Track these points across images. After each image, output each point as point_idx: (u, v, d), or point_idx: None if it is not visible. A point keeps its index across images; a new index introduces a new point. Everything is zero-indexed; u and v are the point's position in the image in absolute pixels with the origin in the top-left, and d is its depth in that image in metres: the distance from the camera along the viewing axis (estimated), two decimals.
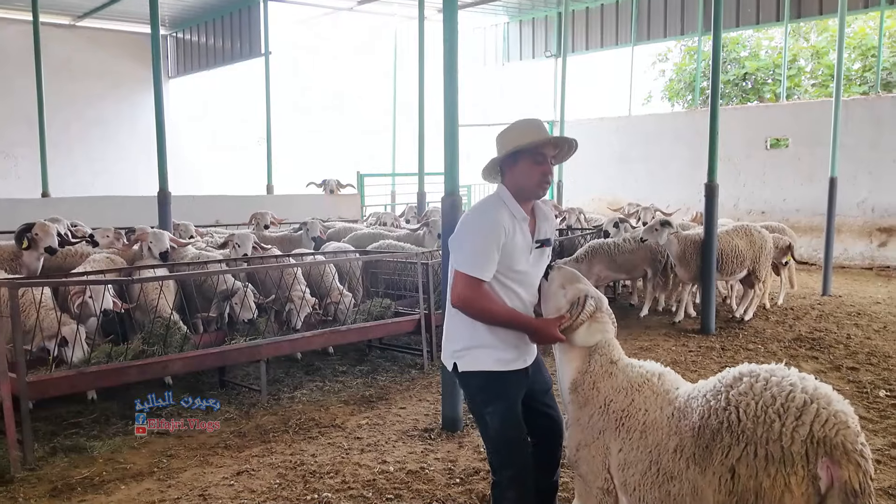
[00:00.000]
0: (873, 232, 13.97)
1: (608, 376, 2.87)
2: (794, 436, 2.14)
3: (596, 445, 2.83)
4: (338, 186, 13.42)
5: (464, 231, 2.96)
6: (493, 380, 2.97)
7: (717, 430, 2.34)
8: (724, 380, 2.48)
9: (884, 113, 13.76)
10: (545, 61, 19.81)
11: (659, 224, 8.32)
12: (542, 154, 2.95)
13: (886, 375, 6.31)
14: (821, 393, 2.24)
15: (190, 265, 6.85)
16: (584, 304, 2.89)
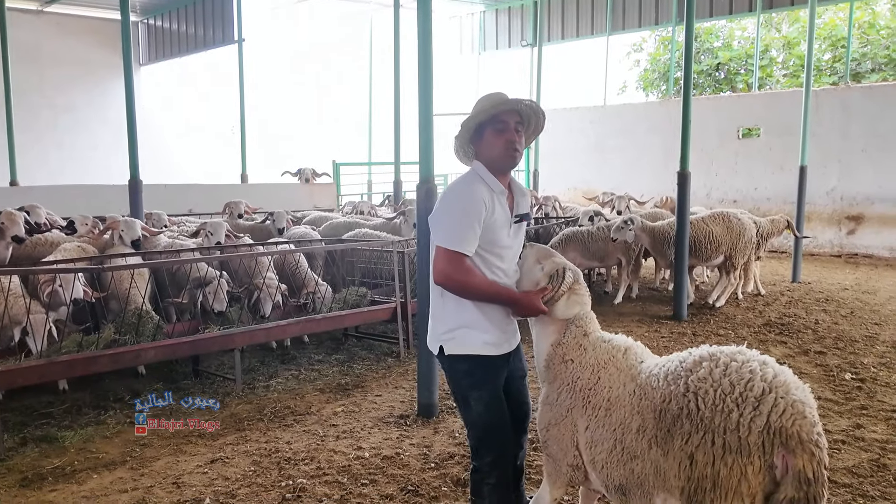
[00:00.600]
0: (842, 220, 14.24)
1: (578, 349, 2.88)
2: (752, 426, 2.15)
3: (565, 423, 2.85)
4: (313, 175, 13.33)
5: (443, 207, 2.91)
6: (480, 364, 2.94)
7: (677, 415, 2.35)
8: (685, 363, 2.47)
9: (853, 103, 14.01)
10: (521, 51, 19.83)
11: (623, 223, 8.62)
12: (502, 122, 2.90)
13: (852, 359, 6.46)
14: (780, 381, 2.24)
15: (162, 253, 6.78)
16: (564, 275, 2.90)
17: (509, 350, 3.05)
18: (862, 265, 13.00)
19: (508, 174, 3.02)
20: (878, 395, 5.45)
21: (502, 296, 2.91)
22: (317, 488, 3.90)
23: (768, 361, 2.35)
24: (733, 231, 8.69)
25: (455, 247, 2.80)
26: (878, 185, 13.72)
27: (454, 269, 2.81)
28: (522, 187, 3.15)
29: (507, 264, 2.99)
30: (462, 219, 2.82)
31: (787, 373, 2.31)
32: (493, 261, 2.93)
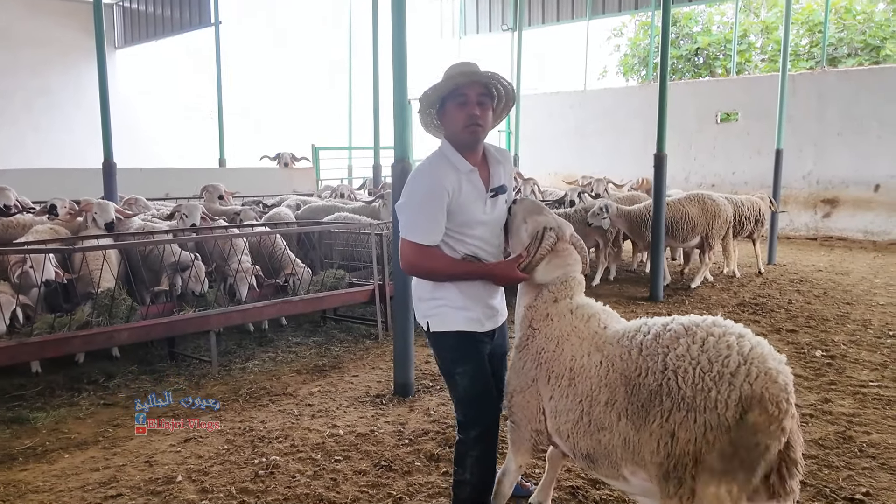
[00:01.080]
0: (818, 203, 14.42)
1: (545, 319, 2.83)
2: (728, 402, 2.16)
3: (530, 392, 2.84)
4: (292, 160, 13.24)
5: (405, 196, 2.87)
6: (464, 340, 2.94)
7: (655, 392, 2.32)
8: (662, 339, 2.41)
9: (829, 87, 14.15)
10: (502, 35, 19.77)
11: (599, 209, 8.75)
12: (463, 94, 2.78)
13: (823, 337, 6.57)
14: (756, 353, 2.23)
15: (135, 235, 6.71)
16: (543, 238, 2.82)
17: (493, 328, 3.04)
18: (837, 247, 13.19)
19: (475, 150, 2.92)
20: (846, 372, 5.55)
21: (473, 273, 2.88)
22: (290, 465, 3.91)
23: (745, 334, 2.32)
24: (709, 212, 8.78)
25: (416, 238, 2.80)
26: (853, 168, 13.90)
27: (417, 259, 2.83)
28: (498, 156, 3.04)
29: (487, 235, 2.94)
30: (422, 210, 2.80)
31: (764, 344, 2.29)
32: (469, 235, 2.89)
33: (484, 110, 2.83)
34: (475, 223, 2.88)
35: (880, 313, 7.50)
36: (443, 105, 2.88)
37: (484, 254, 2.95)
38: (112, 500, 3.53)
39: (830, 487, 3.64)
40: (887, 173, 13.53)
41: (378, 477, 3.78)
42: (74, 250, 5.73)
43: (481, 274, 2.88)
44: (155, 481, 3.72)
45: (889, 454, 4.02)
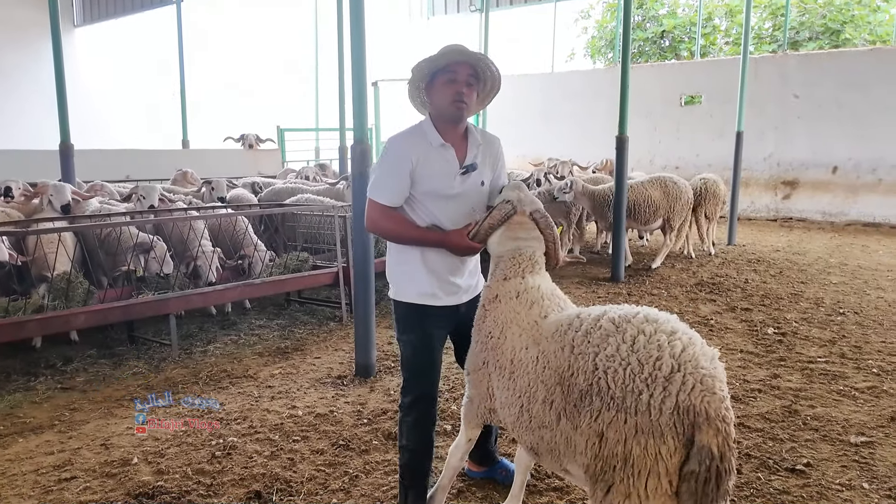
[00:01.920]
0: (778, 185, 14.72)
1: (494, 301, 2.79)
2: (662, 408, 2.10)
3: (482, 372, 2.84)
4: (257, 141, 13.10)
5: (379, 160, 3.02)
6: (412, 311, 3.05)
7: (585, 391, 2.27)
8: (592, 336, 2.33)
9: (790, 71, 14.40)
10: (471, 16, 19.68)
11: (564, 184, 8.96)
12: (453, 72, 2.90)
13: (776, 315, 6.75)
14: (688, 355, 2.16)
15: (92, 218, 6.61)
16: (496, 208, 2.81)
17: (454, 303, 3.07)
18: (796, 228, 13.51)
19: (459, 126, 3.03)
20: (796, 348, 5.72)
21: (430, 238, 2.96)
22: (247, 446, 3.93)
23: (677, 330, 2.25)
24: (670, 195, 8.93)
25: (376, 197, 2.94)
26: (812, 151, 14.20)
27: (375, 217, 2.96)
28: (481, 139, 3.09)
29: (453, 211, 2.99)
30: (386, 172, 2.94)
31: (696, 343, 2.23)
32: (434, 207, 2.98)
33: (470, 90, 2.95)
34: (440, 196, 2.96)
35: (833, 292, 7.72)
36: (432, 80, 2.97)
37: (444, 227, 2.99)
38: (66, 482, 3.51)
39: (773, 459, 3.78)
40: (845, 156, 13.85)
41: (335, 456, 3.82)
42: (29, 233, 5.63)
43: (436, 240, 2.95)
44: (110, 464, 3.71)
45: (831, 427, 4.17)
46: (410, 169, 2.91)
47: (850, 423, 4.21)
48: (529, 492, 3.44)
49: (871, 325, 6.35)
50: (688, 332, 2.27)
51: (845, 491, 3.43)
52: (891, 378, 4.98)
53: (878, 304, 7.11)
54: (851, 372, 5.12)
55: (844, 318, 6.60)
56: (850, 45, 17.22)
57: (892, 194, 13.34)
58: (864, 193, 13.65)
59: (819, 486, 3.48)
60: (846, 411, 4.41)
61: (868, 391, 4.74)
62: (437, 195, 2.96)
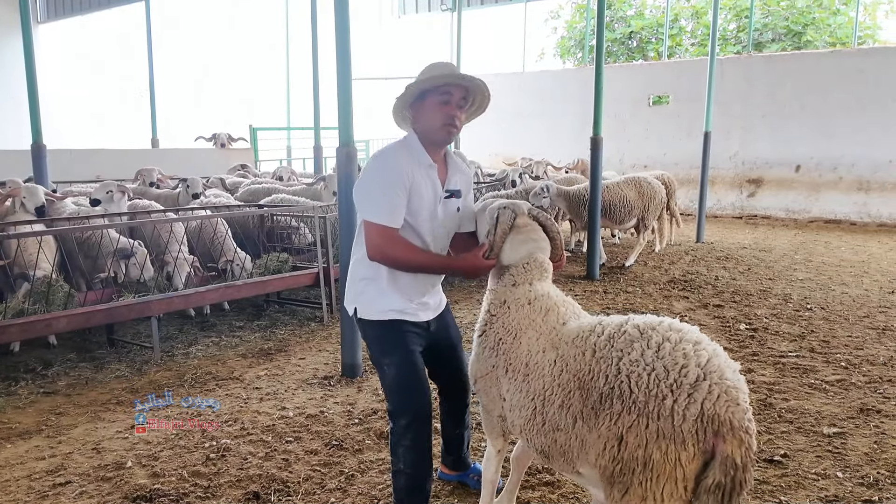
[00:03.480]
0: (743, 183, 15.10)
1: (503, 306, 2.79)
2: (686, 414, 2.11)
3: (490, 378, 2.82)
4: (229, 140, 13.00)
5: (366, 179, 2.83)
6: (388, 329, 2.93)
7: (606, 395, 2.27)
8: (615, 342, 2.35)
9: (755, 71, 14.77)
10: (441, 15, 19.75)
11: (540, 189, 9.04)
12: (448, 93, 2.80)
13: (747, 311, 6.97)
14: (714, 366, 2.18)
15: (70, 220, 6.53)
16: (498, 217, 2.78)
17: (423, 319, 3.02)
18: (761, 225, 13.88)
19: (443, 149, 2.96)
20: (768, 343, 5.93)
21: (444, 266, 2.90)
22: (241, 447, 3.96)
23: (701, 341, 2.27)
24: (645, 195, 9.14)
25: (383, 221, 2.77)
26: (776, 150, 14.61)
27: (386, 244, 2.77)
28: (460, 164, 3.06)
29: (432, 235, 2.95)
30: (384, 191, 2.78)
31: (721, 354, 2.25)
32: (424, 229, 2.91)
33: (460, 112, 2.87)
34: (422, 218, 2.88)
35: (799, 287, 7.99)
36: (422, 97, 2.86)
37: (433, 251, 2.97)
38: (61, 487, 3.51)
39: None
40: (807, 155, 14.28)
41: (329, 456, 3.87)
42: (9, 237, 5.55)
43: (449, 267, 2.89)
44: (104, 468, 3.71)
45: (805, 419, 4.36)
46: (408, 187, 2.79)
47: (822, 415, 4.40)
48: (521, 486, 3.53)
49: (837, 320, 6.60)
50: (711, 343, 2.29)
51: (821, 480, 3.60)
52: (858, 371, 5.20)
53: (843, 300, 7.39)
54: (821, 365, 5.34)
55: (812, 314, 6.84)
56: (812, 47, 17.73)
57: (853, 192, 13.80)
58: (826, 191, 14.09)
59: (796, 476, 3.64)
60: (818, 403, 4.60)
61: (837, 384, 4.95)
62: (423, 218, 2.87)
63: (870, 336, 6.09)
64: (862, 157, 13.66)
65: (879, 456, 3.84)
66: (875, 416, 4.39)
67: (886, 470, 3.68)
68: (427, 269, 2.89)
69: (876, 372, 5.17)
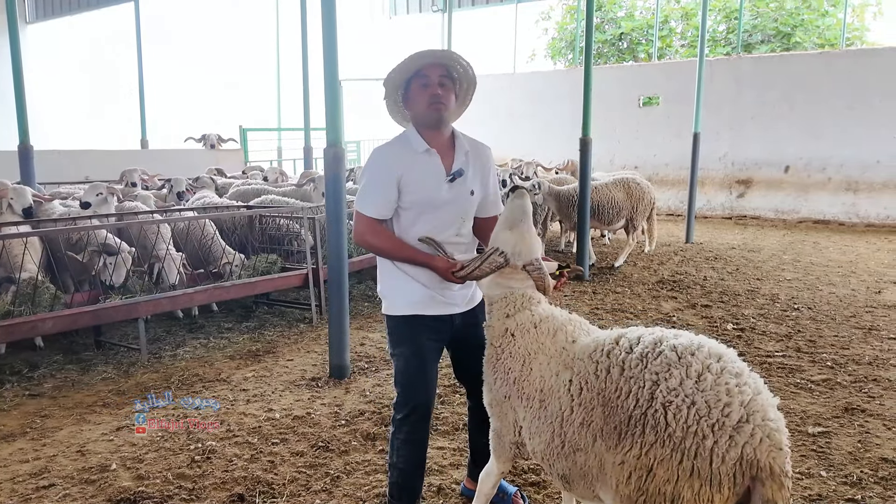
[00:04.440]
0: (732, 184, 15.17)
1: (506, 336, 2.74)
2: (726, 457, 2.03)
3: (506, 405, 2.76)
4: (219, 141, 12.97)
5: (363, 170, 2.97)
6: (402, 323, 2.98)
7: (637, 420, 2.18)
8: (650, 362, 2.24)
9: (744, 73, 14.85)
10: (433, 16, 19.77)
11: (532, 186, 9.08)
12: (425, 76, 2.85)
13: (734, 311, 7.01)
14: (757, 405, 2.09)
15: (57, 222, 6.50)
16: (487, 258, 2.71)
17: (447, 313, 3.00)
18: (750, 226, 13.95)
19: (443, 131, 2.96)
20: (755, 343, 5.96)
21: (417, 260, 2.89)
22: (227, 449, 3.94)
23: (743, 372, 2.18)
24: (633, 196, 9.17)
25: (363, 210, 2.89)
26: (765, 151, 14.69)
27: (364, 230, 2.91)
28: (469, 146, 3.03)
29: (442, 219, 2.94)
30: (371, 183, 2.89)
31: (762, 389, 2.17)
32: (423, 216, 2.91)
33: (446, 91, 2.88)
34: (429, 204, 2.89)
35: (787, 288, 8.04)
36: (407, 89, 2.93)
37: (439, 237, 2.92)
38: (44, 490, 3.49)
39: None
40: (796, 155, 14.36)
41: (315, 458, 3.86)
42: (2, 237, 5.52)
43: (422, 262, 2.89)
44: (88, 470, 3.69)
45: (790, 418, 4.38)
46: (397, 179, 2.84)
47: (807, 415, 4.43)
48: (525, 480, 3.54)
49: (823, 320, 6.64)
50: (751, 374, 2.21)
51: (805, 479, 3.62)
52: (843, 370, 5.24)
53: (830, 300, 7.43)
54: (807, 365, 5.37)
55: (799, 314, 6.88)
56: (801, 48, 17.83)
57: (841, 192, 13.88)
58: (815, 191, 14.17)
59: None
60: (803, 403, 4.63)
61: (823, 383, 4.98)
62: (425, 203, 2.89)
63: (856, 336, 6.13)
64: (850, 158, 13.75)
65: (863, 455, 3.87)
66: (860, 415, 4.42)
67: (870, 469, 3.71)
68: (401, 259, 2.92)
69: (861, 371, 5.21)
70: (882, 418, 4.36)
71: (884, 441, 4.04)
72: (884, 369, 5.26)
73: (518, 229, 2.73)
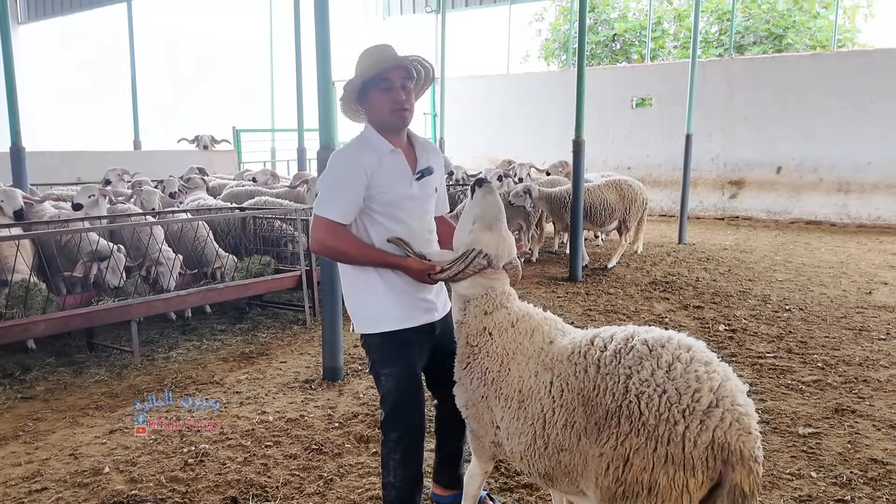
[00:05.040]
0: (725, 185, 15.24)
1: (483, 335, 2.71)
2: (697, 441, 2.08)
3: (482, 406, 2.74)
4: (212, 142, 12.94)
5: (323, 176, 2.82)
6: (390, 341, 2.85)
7: (613, 412, 2.23)
8: (623, 357, 2.29)
9: (736, 74, 14.92)
10: (426, 17, 19.77)
11: (522, 191, 9.08)
12: (387, 80, 2.74)
13: (726, 312, 7.04)
14: (726, 390, 2.14)
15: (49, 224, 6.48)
16: (471, 261, 2.67)
17: (427, 321, 2.93)
18: (742, 227, 14.01)
19: (401, 133, 2.89)
20: (746, 344, 6.00)
21: (386, 262, 2.78)
22: (220, 452, 3.95)
23: (712, 361, 2.24)
24: (626, 198, 9.21)
25: (325, 213, 2.73)
26: (757, 152, 14.77)
27: (324, 237, 2.74)
28: (426, 143, 3.01)
29: (413, 217, 2.87)
30: (334, 187, 2.75)
31: (731, 377, 2.22)
32: (394, 216, 2.82)
33: (408, 93, 2.81)
34: (399, 202, 2.82)
35: (778, 289, 8.08)
36: (364, 91, 2.81)
37: (408, 237, 2.83)
38: (37, 494, 3.48)
39: None
40: (788, 156, 14.43)
41: (309, 460, 3.87)
42: None
43: (393, 263, 2.78)
44: (81, 473, 3.69)
45: (781, 419, 4.41)
46: (365, 182, 2.74)
47: (797, 416, 4.46)
48: (500, 489, 3.56)
49: (814, 321, 6.68)
50: (721, 363, 2.25)
51: (795, 480, 3.65)
52: (834, 371, 5.28)
53: (821, 301, 7.48)
54: (798, 366, 5.41)
55: (790, 315, 6.92)
56: (793, 49, 17.91)
57: (833, 193, 13.96)
58: (807, 192, 14.25)
59: (771, 476, 3.69)
60: (794, 404, 4.66)
61: (814, 384, 5.01)
62: (396, 202, 2.81)
63: (846, 336, 6.18)
64: (842, 159, 13.83)
65: (853, 456, 3.90)
66: (850, 416, 4.46)
67: (859, 470, 3.74)
68: (368, 263, 2.80)
69: (852, 372, 5.25)
70: (872, 419, 4.40)
71: (873, 442, 4.08)
72: (874, 370, 5.30)
73: (497, 229, 2.72)
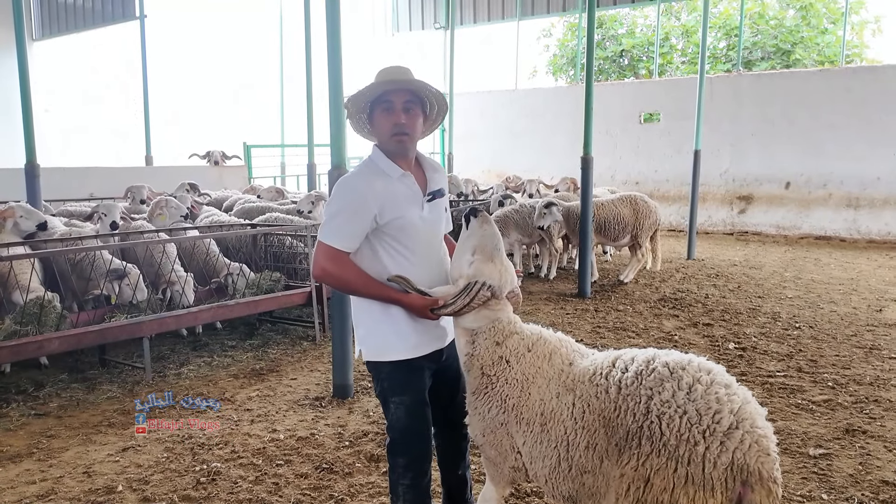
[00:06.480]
0: (734, 200, 15.22)
1: (500, 363, 2.70)
2: (717, 462, 2.12)
3: (501, 432, 2.73)
4: (223, 158, 13.06)
5: (330, 200, 2.80)
6: (401, 370, 2.84)
7: (634, 433, 2.26)
8: (643, 377, 2.32)
9: (744, 89, 14.94)
10: (435, 33, 19.92)
11: (544, 207, 8.97)
12: (388, 101, 2.71)
13: (736, 330, 7.03)
14: (746, 413, 2.19)
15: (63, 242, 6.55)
16: (476, 293, 2.65)
17: (435, 349, 2.91)
18: (751, 242, 13.98)
19: (409, 155, 2.85)
20: (756, 363, 5.98)
21: (385, 296, 2.75)
22: (231, 471, 3.97)
23: (731, 384, 2.29)
24: (639, 213, 9.22)
25: (329, 241, 2.71)
26: (766, 167, 14.75)
27: (327, 265, 2.71)
28: (434, 164, 2.99)
29: (422, 242, 2.84)
30: (340, 214, 2.72)
31: (750, 399, 2.27)
32: (403, 243, 2.79)
33: (411, 117, 2.75)
34: (413, 226, 2.78)
35: (788, 306, 8.06)
36: (372, 110, 2.81)
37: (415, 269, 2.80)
38: None
39: None
40: (797, 171, 14.42)
41: (320, 479, 3.89)
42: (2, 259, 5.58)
43: (394, 299, 2.75)
44: (95, 492, 3.72)
45: (791, 439, 4.40)
46: (374, 212, 2.71)
47: (808, 436, 4.45)
48: (511, 495, 3.57)
49: (825, 339, 6.66)
50: (741, 388, 2.31)
51: (806, 502, 3.64)
52: (845, 391, 5.26)
53: (832, 318, 7.45)
54: (808, 385, 5.39)
55: (800, 333, 6.90)
56: (800, 65, 17.95)
57: (842, 208, 13.93)
58: (816, 207, 14.22)
59: (782, 498, 3.67)
60: (804, 424, 4.65)
61: (824, 404, 5.00)
62: (408, 226, 2.78)
63: (857, 355, 6.15)
64: (851, 174, 13.81)
65: (864, 477, 3.89)
66: (861, 436, 4.44)
67: (870, 491, 3.73)
68: (369, 295, 2.78)
69: (862, 392, 5.23)
70: (883, 440, 4.38)
71: (885, 463, 4.06)
72: (885, 390, 5.28)
73: (498, 259, 2.72)
